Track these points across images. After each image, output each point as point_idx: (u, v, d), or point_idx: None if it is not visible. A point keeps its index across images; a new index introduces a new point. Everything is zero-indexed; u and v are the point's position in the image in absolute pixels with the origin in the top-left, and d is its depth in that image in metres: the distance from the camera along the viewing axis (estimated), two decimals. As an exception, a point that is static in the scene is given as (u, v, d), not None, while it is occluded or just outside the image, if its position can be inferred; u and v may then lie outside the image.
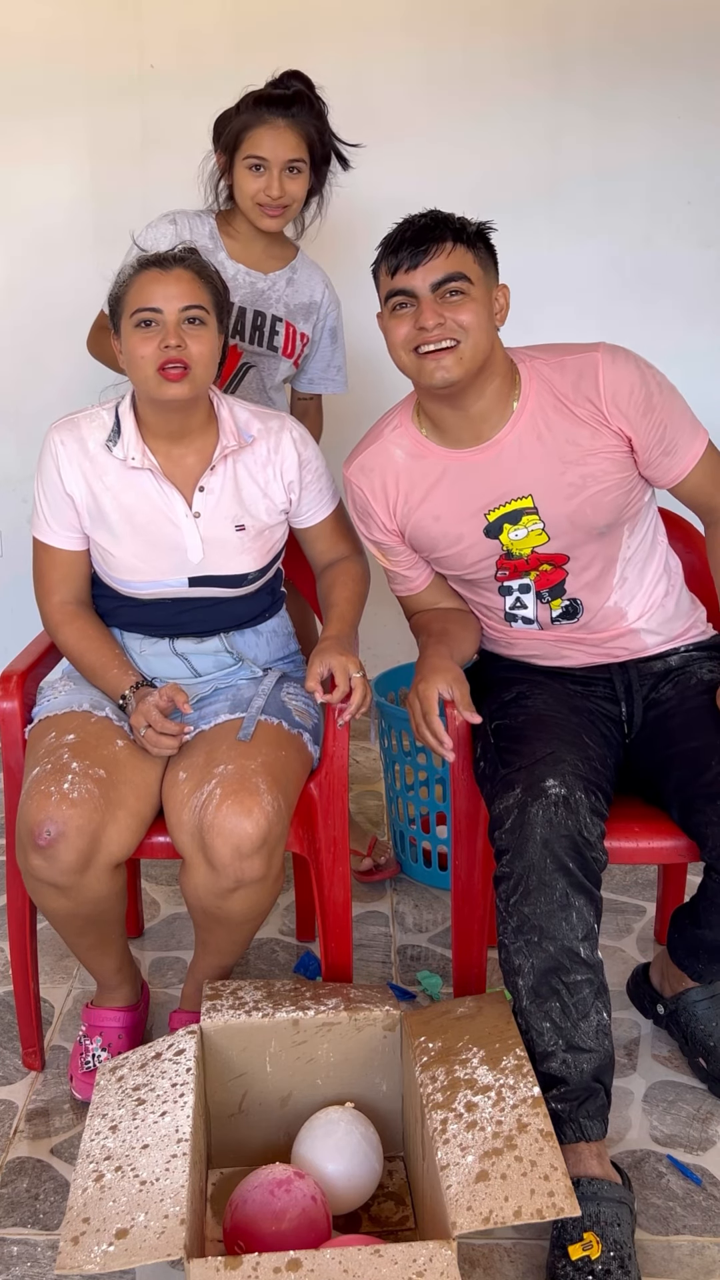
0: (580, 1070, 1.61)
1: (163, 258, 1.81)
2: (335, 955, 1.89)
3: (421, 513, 1.86)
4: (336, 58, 2.97)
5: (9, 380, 3.24)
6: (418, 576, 1.97)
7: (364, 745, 3.11)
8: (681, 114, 3.08)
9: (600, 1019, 1.62)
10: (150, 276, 1.77)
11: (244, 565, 1.90)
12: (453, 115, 3.07)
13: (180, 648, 1.92)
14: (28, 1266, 1.62)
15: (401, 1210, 1.69)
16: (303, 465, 1.93)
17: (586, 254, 3.19)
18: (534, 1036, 1.63)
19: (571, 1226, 1.55)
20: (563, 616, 1.88)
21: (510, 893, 1.63)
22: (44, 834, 1.65)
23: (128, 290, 1.79)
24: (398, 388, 1.89)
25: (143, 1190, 1.42)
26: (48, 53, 2.97)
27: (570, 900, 1.61)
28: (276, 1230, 1.49)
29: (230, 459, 1.88)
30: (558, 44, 3.04)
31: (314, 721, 1.92)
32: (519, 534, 1.82)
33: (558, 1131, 1.61)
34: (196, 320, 1.78)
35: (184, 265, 1.80)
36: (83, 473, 1.86)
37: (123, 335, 1.81)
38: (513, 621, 1.91)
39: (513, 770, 1.69)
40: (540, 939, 1.61)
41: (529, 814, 1.62)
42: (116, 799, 1.72)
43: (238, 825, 1.65)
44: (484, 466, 1.81)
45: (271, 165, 2.14)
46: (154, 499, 1.86)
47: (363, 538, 1.98)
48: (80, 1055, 1.92)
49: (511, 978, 1.65)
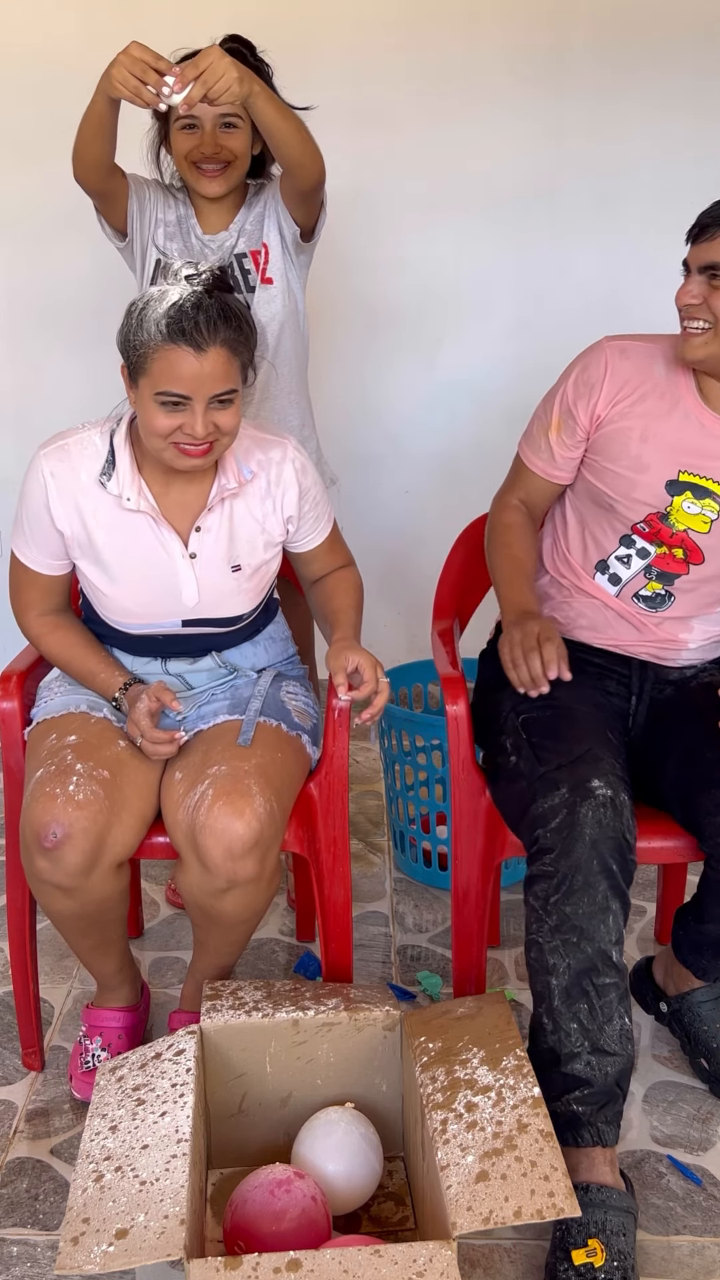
0: (604, 1073, 1.61)
1: (198, 335, 1.60)
2: (335, 955, 1.89)
3: (634, 419, 1.83)
4: (336, 58, 2.98)
5: (9, 380, 3.24)
6: (563, 469, 1.92)
7: (364, 745, 3.11)
8: (682, 113, 3.08)
9: (623, 1024, 1.62)
10: (180, 356, 1.61)
11: (239, 607, 1.86)
12: (453, 115, 3.07)
13: (174, 668, 1.90)
14: (28, 1266, 1.62)
15: (401, 1210, 1.69)
16: (302, 496, 1.85)
17: (586, 253, 3.19)
18: (561, 1037, 1.61)
19: (576, 1231, 1.55)
20: (648, 600, 1.88)
21: (551, 891, 1.62)
22: (50, 836, 1.65)
23: (152, 360, 1.63)
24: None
25: (143, 1190, 1.42)
26: (47, 53, 2.97)
27: (609, 904, 1.60)
28: (276, 1230, 1.49)
29: (228, 499, 1.81)
30: (558, 43, 3.03)
31: (313, 722, 1.92)
32: (691, 508, 1.80)
33: (574, 1134, 1.61)
34: (227, 401, 1.67)
35: (220, 343, 1.62)
36: (76, 506, 1.77)
37: (140, 397, 1.67)
38: (601, 571, 1.89)
39: (553, 768, 1.67)
40: (579, 939, 1.60)
41: (579, 814, 1.61)
42: (120, 800, 1.72)
43: (229, 826, 1.65)
44: (710, 433, 1.80)
45: (203, 122, 2.06)
46: (150, 541, 1.78)
47: (555, 400, 1.90)
48: (80, 1055, 1.91)
49: (542, 976, 1.63)
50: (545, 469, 1.94)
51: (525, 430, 1.98)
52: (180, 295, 1.62)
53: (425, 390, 3.29)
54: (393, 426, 3.32)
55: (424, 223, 3.15)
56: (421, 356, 3.27)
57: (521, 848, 1.83)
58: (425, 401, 3.30)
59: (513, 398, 3.20)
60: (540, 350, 3.11)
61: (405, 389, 3.30)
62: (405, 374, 3.28)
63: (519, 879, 2.53)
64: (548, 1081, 1.62)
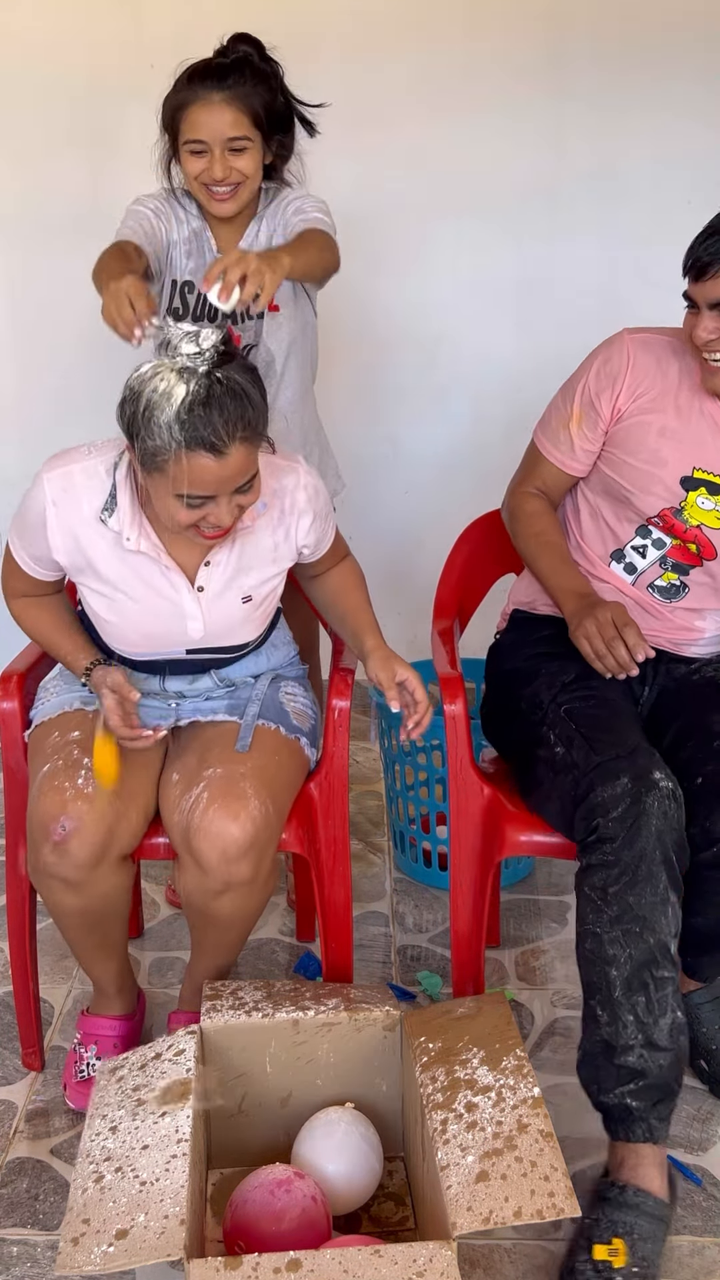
0: (658, 1066, 1.59)
1: (216, 440, 1.51)
2: (335, 955, 1.89)
3: (654, 414, 1.82)
4: (336, 58, 2.98)
5: (9, 380, 3.24)
6: (582, 461, 1.92)
7: (364, 745, 3.11)
8: (682, 113, 3.07)
9: (676, 1018, 1.60)
10: (200, 463, 1.52)
11: (245, 635, 1.84)
12: (453, 115, 3.07)
13: (172, 686, 1.87)
14: (28, 1267, 1.62)
15: (401, 1210, 1.69)
16: (316, 517, 1.79)
17: (586, 254, 3.19)
18: (618, 1029, 1.59)
19: (605, 1226, 1.54)
20: (664, 591, 1.88)
21: (612, 881, 1.60)
22: (59, 829, 1.65)
23: (168, 463, 1.54)
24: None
25: (143, 1191, 1.42)
26: (47, 52, 2.96)
27: (669, 896, 1.59)
28: (276, 1230, 1.49)
29: (240, 534, 1.73)
30: (557, 43, 3.03)
31: (312, 723, 1.92)
32: (705, 504, 1.79)
33: (625, 1129, 1.59)
34: (249, 485, 1.61)
35: (239, 439, 1.53)
36: (76, 539, 1.71)
37: (155, 486, 1.59)
38: (617, 560, 1.90)
39: (610, 758, 1.65)
40: (642, 930, 1.58)
41: (644, 804, 1.59)
42: (126, 793, 1.72)
43: (224, 829, 1.65)
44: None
45: (212, 146, 1.98)
46: (154, 576, 1.73)
47: (577, 391, 1.88)
48: (75, 1064, 1.91)
49: (600, 967, 1.61)
50: (564, 460, 1.94)
51: (542, 420, 1.98)
52: (189, 391, 1.50)
53: (425, 390, 3.29)
54: (393, 426, 3.31)
55: (424, 223, 3.15)
56: (421, 356, 3.26)
57: (520, 847, 1.83)
58: (425, 401, 3.30)
59: (513, 397, 3.20)
60: (540, 350, 3.12)
61: (405, 389, 3.30)
62: (405, 374, 3.28)
63: (519, 879, 2.53)
64: (599, 1074, 1.61)
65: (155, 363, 1.55)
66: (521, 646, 1.99)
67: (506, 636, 2.05)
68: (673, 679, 1.93)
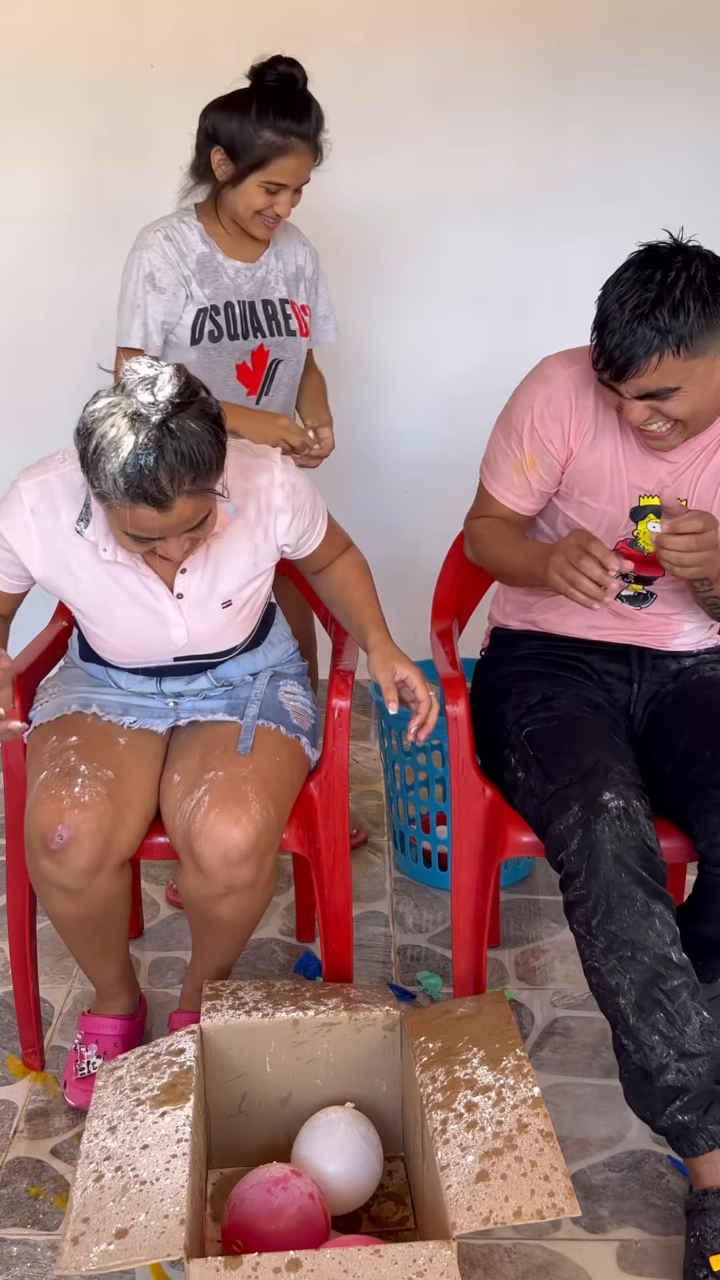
0: (697, 1075, 1.58)
1: (160, 496, 1.48)
2: (335, 955, 1.89)
3: (600, 450, 1.82)
4: (337, 57, 2.97)
5: (9, 380, 3.24)
6: (538, 502, 1.91)
7: (364, 745, 3.11)
8: (684, 112, 3.07)
9: (702, 1019, 1.59)
10: (142, 513, 1.51)
11: (230, 640, 1.84)
12: (454, 114, 3.07)
13: (169, 687, 1.87)
14: (28, 1266, 1.62)
15: (401, 1210, 1.69)
16: (295, 515, 1.78)
17: (587, 253, 3.18)
18: (646, 1053, 1.58)
19: (712, 1236, 1.53)
20: (631, 599, 1.89)
21: (590, 915, 1.61)
22: (56, 838, 1.65)
23: (111, 508, 1.54)
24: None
25: (143, 1190, 1.42)
26: (47, 53, 2.96)
27: (651, 908, 1.60)
28: (274, 1228, 1.49)
29: (213, 539, 1.71)
30: (558, 43, 3.03)
31: (312, 722, 1.92)
32: (655, 528, 1.75)
33: (689, 1145, 1.59)
34: (200, 525, 1.60)
35: (185, 494, 1.50)
36: (55, 549, 1.70)
37: (106, 518, 1.61)
38: None
39: (563, 785, 1.66)
40: (634, 953, 1.59)
41: (595, 832, 1.60)
42: (124, 799, 1.72)
43: (225, 833, 1.65)
44: (641, 445, 1.80)
45: (289, 188, 2.12)
46: (133, 584, 1.72)
47: (524, 436, 1.86)
48: (75, 1062, 1.91)
49: (610, 999, 1.61)
50: (517, 503, 1.93)
51: (487, 461, 1.95)
52: (135, 445, 1.46)
53: (425, 389, 3.29)
54: (392, 426, 3.31)
55: (423, 221, 3.14)
56: (421, 355, 3.26)
57: (521, 847, 1.83)
58: (425, 401, 3.30)
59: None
60: (541, 350, 3.11)
61: (405, 388, 3.29)
62: (405, 373, 3.28)
63: (519, 879, 2.53)
64: (646, 1100, 1.60)
65: (111, 399, 1.51)
66: (499, 664, 2.00)
67: (489, 653, 2.06)
68: (668, 675, 1.93)
